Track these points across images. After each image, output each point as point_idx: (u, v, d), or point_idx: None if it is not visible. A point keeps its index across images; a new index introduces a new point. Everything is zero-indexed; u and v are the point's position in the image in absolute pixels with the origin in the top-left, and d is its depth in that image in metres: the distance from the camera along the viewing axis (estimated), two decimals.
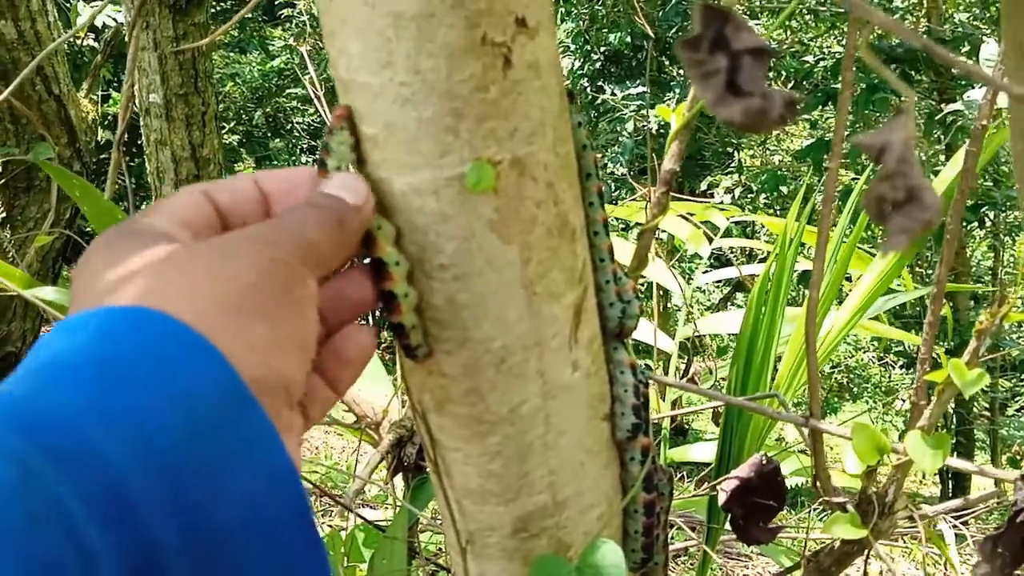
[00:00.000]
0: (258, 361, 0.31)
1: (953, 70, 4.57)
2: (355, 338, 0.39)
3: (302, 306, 0.33)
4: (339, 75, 0.39)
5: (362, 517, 0.83)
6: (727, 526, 0.75)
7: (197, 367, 0.29)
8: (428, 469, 0.50)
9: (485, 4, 0.37)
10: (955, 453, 5.04)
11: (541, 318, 0.43)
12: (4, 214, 1.54)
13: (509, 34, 0.38)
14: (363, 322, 0.41)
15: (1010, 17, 0.28)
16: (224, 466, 0.28)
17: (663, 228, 1.21)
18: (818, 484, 0.57)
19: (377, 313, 0.42)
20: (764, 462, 0.67)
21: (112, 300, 0.31)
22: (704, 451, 1.10)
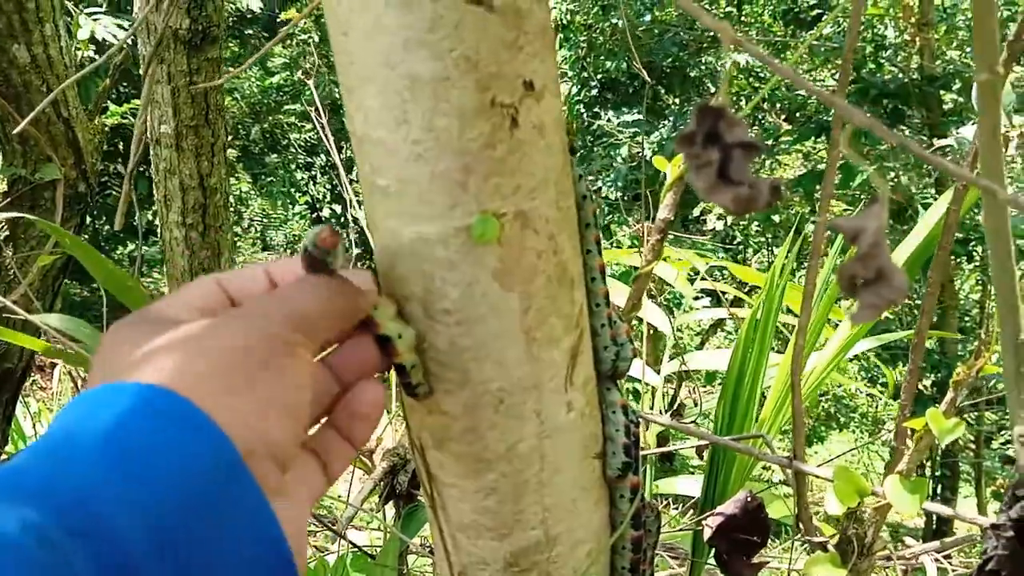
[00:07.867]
0: (242, 426, 0.34)
1: (944, 107, 4.62)
2: (364, 394, 0.42)
3: (287, 373, 0.36)
4: (355, 130, 0.42)
5: (352, 543, 0.84)
6: (711, 559, 0.77)
7: (195, 443, 0.32)
8: (424, 503, 0.52)
9: (496, 68, 0.39)
10: (940, 485, 5.05)
11: (539, 362, 0.45)
12: (7, 232, 1.55)
13: (517, 96, 0.40)
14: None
15: (985, 110, 0.31)
16: (219, 534, 0.32)
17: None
18: (800, 524, 0.59)
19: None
20: (749, 499, 0.69)
21: (128, 376, 0.34)
22: (690, 485, 1.12)
